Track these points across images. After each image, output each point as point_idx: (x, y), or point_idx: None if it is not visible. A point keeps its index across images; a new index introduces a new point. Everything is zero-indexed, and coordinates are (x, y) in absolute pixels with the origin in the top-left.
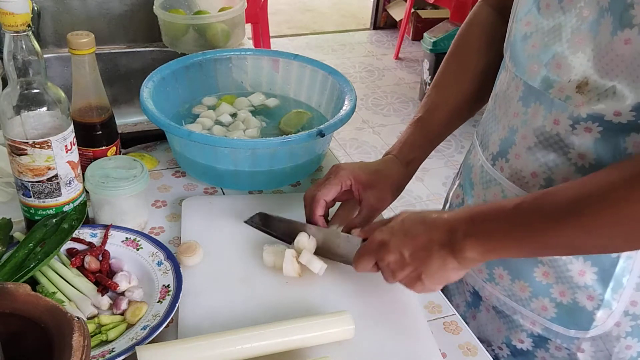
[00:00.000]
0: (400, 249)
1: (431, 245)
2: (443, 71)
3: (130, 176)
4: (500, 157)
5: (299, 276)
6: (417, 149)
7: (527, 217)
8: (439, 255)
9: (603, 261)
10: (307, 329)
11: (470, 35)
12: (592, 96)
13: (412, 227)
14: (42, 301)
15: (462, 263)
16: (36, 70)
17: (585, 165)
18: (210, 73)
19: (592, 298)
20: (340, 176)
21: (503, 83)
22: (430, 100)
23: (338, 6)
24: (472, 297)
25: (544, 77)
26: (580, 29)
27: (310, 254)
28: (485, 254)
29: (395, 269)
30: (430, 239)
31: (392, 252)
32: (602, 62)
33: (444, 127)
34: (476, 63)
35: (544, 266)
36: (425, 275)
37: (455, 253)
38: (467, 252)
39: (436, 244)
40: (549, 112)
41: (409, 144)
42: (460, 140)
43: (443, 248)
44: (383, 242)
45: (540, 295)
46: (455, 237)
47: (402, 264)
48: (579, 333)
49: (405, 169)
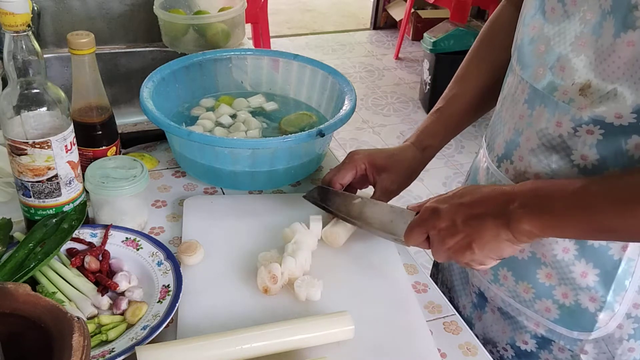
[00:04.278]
0: (453, 215)
1: (486, 214)
2: (465, 65)
3: (130, 176)
4: (505, 158)
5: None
6: (434, 136)
7: (593, 198)
8: (494, 224)
9: (605, 263)
10: (307, 329)
11: (493, 32)
12: (595, 99)
13: (467, 195)
14: (42, 301)
15: (516, 236)
16: (36, 70)
17: (588, 166)
18: (210, 73)
19: (595, 300)
20: (355, 160)
21: (511, 86)
22: (451, 92)
23: (338, 6)
24: (477, 298)
25: (549, 81)
26: (583, 32)
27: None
28: (543, 229)
29: (445, 235)
30: (485, 208)
31: (444, 219)
32: (603, 65)
33: (461, 117)
34: (497, 59)
35: (547, 267)
36: (477, 245)
37: (510, 224)
38: (524, 224)
39: (491, 213)
40: (553, 115)
41: (427, 132)
42: (460, 141)
43: (498, 218)
44: (435, 209)
45: (543, 296)
46: (512, 207)
47: (453, 231)
48: (582, 335)
49: (420, 154)
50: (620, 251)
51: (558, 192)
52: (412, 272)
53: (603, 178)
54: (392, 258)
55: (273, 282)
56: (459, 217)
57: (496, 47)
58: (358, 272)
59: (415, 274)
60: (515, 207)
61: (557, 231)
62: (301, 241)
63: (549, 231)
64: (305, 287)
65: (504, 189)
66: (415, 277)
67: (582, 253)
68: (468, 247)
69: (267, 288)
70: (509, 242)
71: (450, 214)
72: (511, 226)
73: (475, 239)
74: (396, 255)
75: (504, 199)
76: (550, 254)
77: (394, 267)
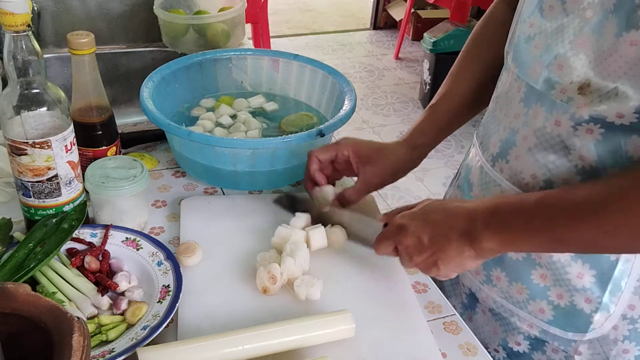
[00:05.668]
0: (419, 233)
1: (450, 232)
2: (458, 63)
3: (130, 176)
4: (500, 158)
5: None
6: (426, 134)
7: (548, 212)
8: (457, 242)
9: (602, 264)
10: (308, 328)
11: (487, 30)
12: (594, 98)
13: (432, 213)
14: (42, 301)
15: (479, 252)
16: (36, 70)
17: (586, 167)
18: (210, 73)
19: (590, 301)
20: (340, 144)
21: (505, 84)
22: (444, 89)
23: (338, 6)
24: (468, 298)
25: (546, 79)
26: (583, 30)
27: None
28: (503, 245)
29: (412, 253)
30: (449, 226)
31: (411, 236)
32: (604, 64)
33: (453, 115)
34: (490, 56)
35: (542, 268)
36: (442, 262)
37: (473, 242)
38: (485, 242)
39: (455, 231)
40: (550, 114)
41: (419, 129)
42: (460, 140)
43: (462, 236)
44: (402, 226)
45: (537, 297)
46: (474, 226)
47: (420, 249)
48: (577, 336)
49: (410, 153)
50: None
51: (516, 209)
52: (412, 272)
53: (557, 191)
54: (392, 258)
55: (272, 282)
56: (425, 235)
57: (489, 45)
58: (358, 272)
59: (415, 274)
60: (477, 226)
61: (515, 246)
62: (299, 241)
63: (508, 247)
64: (304, 286)
65: (467, 207)
66: (415, 277)
67: (579, 254)
68: (434, 264)
69: (267, 288)
70: (472, 258)
71: (417, 231)
72: (474, 244)
73: (440, 257)
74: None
75: (467, 218)
76: (545, 255)
77: (394, 267)
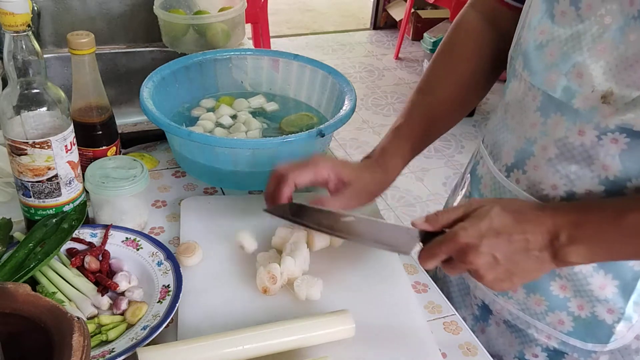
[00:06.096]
0: (493, 251)
1: (529, 248)
2: (427, 76)
3: (130, 176)
4: (516, 168)
5: (264, 292)
6: (398, 156)
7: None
8: (539, 258)
9: (625, 274)
10: (308, 328)
11: (456, 40)
12: (619, 106)
13: (504, 226)
14: (42, 301)
15: (561, 265)
16: (36, 70)
17: (610, 177)
18: (210, 73)
19: (613, 311)
20: (319, 168)
21: (517, 92)
22: (412, 105)
23: (338, 6)
24: (480, 310)
25: (565, 87)
26: (602, 37)
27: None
28: (591, 259)
29: (485, 272)
30: (527, 241)
31: (484, 256)
32: (628, 71)
33: (425, 131)
34: (461, 70)
35: (562, 280)
36: (518, 277)
37: (557, 257)
38: (573, 257)
39: (536, 247)
40: (573, 123)
41: (390, 152)
42: (460, 140)
43: (543, 251)
44: (472, 246)
45: (557, 309)
46: (557, 242)
47: (493, 266)
48: (597, 347)
49: (384, 176)
50: None
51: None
52: (412, 272)
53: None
54: (392, 258)
55: (272, 282)
56: (500, 252)
57: (459, 56)
58: (358, 272)
59: (416, 274)
60: (563, 241)
61: (606, 258)
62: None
63: (598, 259)
64: (304, 286)
65: (542, 220)
66: (415, 277)
67: (601, 264)
68: (508, 279)
69: (267, 288)
70: (549, 270)
71: (490, 250)
72: (557, 259)
73: (516, 273)
74: (396, 255)
75: (547, 231)
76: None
77: (394, 267)
